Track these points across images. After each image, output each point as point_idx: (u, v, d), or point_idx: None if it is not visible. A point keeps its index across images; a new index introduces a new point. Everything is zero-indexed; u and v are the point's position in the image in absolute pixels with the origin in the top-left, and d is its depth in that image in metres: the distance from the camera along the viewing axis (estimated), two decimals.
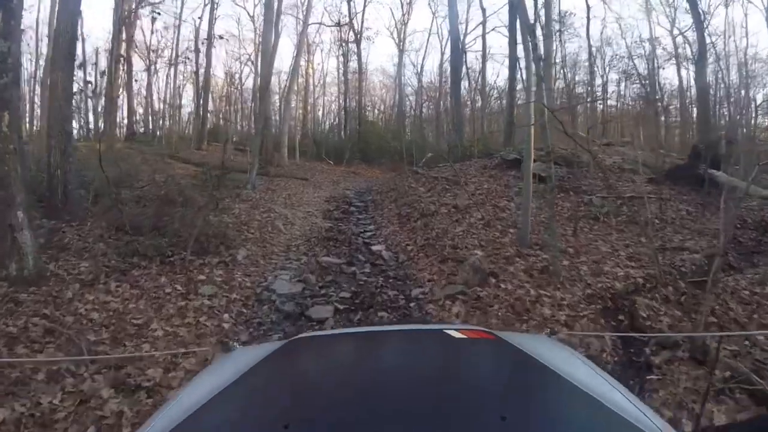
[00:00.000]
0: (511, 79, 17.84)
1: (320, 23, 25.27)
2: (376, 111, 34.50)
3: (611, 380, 1.20)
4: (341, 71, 29.71)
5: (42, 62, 21.02)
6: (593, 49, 24.54)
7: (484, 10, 24.00)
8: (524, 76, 8.86)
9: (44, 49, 20.83)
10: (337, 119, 31.84)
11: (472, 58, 27.20)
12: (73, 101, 8.32)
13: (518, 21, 9.39)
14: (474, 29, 27.66)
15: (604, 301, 4.86)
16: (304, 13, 19.49)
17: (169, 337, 4.19)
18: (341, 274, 6.18)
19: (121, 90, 19.98)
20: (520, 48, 12.58)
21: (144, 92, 25.67)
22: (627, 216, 7.66)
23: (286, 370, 1.40)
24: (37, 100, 24.00)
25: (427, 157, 13.99)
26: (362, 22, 27.11)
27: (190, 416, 0.99)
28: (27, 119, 20.85)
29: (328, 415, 0.96)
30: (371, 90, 34.44)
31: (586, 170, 10.38)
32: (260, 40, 18.24)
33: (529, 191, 6.73)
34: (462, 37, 22.70)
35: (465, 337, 1.51)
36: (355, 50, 27.87)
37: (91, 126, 22.06)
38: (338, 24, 25.54)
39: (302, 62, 31.79)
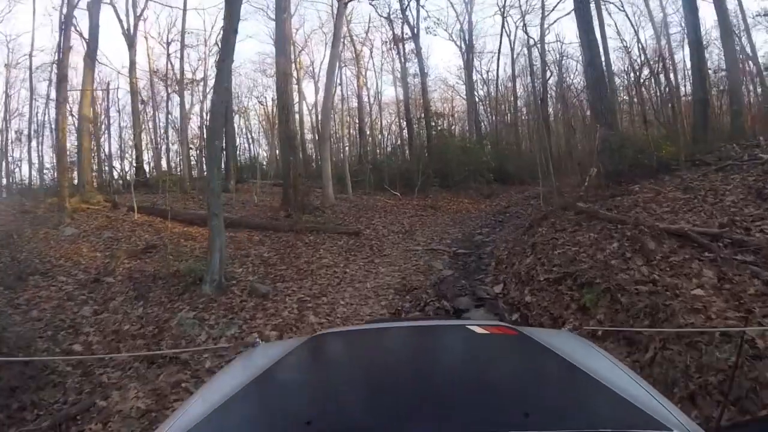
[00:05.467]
0: (694, 28, 10.21)
1: None
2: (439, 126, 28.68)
3: (634, 376, 1.16)
4: (399, 76, 23.71)
5: None
6: None
7: None
8: None
9: None
10: (399, 139, 25.73)
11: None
12: None
13: None
14: None
15: None
16: None
17: None
18: None
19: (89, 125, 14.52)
20: None
21: (149, 126, 21.00)
22: None
23: (308, 366, 1.42)
24: None
25: (591, 175, 6.85)
26: (418, 12, 20.77)
27: (214, 411, 0.97)
28: None
29: (350, 412, 0.96)
30: (432, 104, 28.61)
31: None
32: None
33: None
34: None
35: (487, 332, 1.50)
36: (414, 48, 21.57)
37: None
38: None
39: (351, 74, 26.51)
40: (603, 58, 11.69)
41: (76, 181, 14.61)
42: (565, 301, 3.82)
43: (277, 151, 20.76)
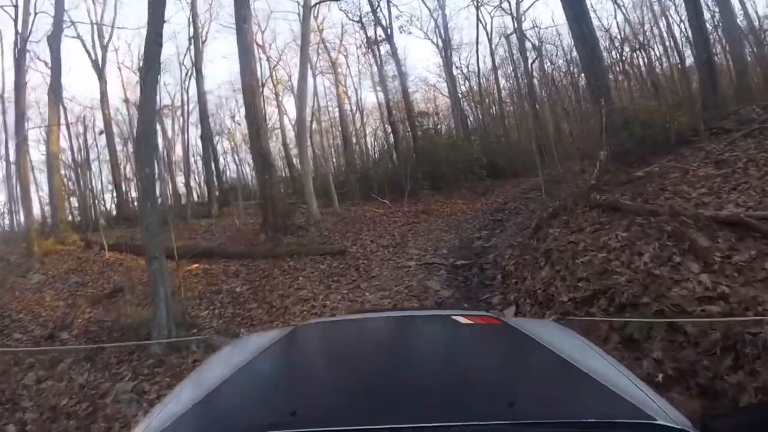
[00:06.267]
0: None
1: None
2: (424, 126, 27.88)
3: (618, 365, 1.14)
4: (377, 80, 22.86)
5: None
6: None
7: None
8: None
9: None
10: (385, 144, 24.86)
11: None
12: None
13: None
14: None
15: None
16: None
17: None
18: None
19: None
20: None
21: (132, 158, 20.09)
22: None
23: (293, 356, 1.39)
24: None
25: (600, 159, 5.91)
26: (390, 12, 19.86)
27: (198, 402, 0.95)
28: None
29: (335, 402, 0.93)
30: (415, 105, 27.74)
31: None
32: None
33: None
34: None
35: (471, 322, 1.48)
36: (389, 49, 20.67)
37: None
38: None
39: (330, 83, 25.65)
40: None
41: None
42: (602, 331, 2.83)
43: None
